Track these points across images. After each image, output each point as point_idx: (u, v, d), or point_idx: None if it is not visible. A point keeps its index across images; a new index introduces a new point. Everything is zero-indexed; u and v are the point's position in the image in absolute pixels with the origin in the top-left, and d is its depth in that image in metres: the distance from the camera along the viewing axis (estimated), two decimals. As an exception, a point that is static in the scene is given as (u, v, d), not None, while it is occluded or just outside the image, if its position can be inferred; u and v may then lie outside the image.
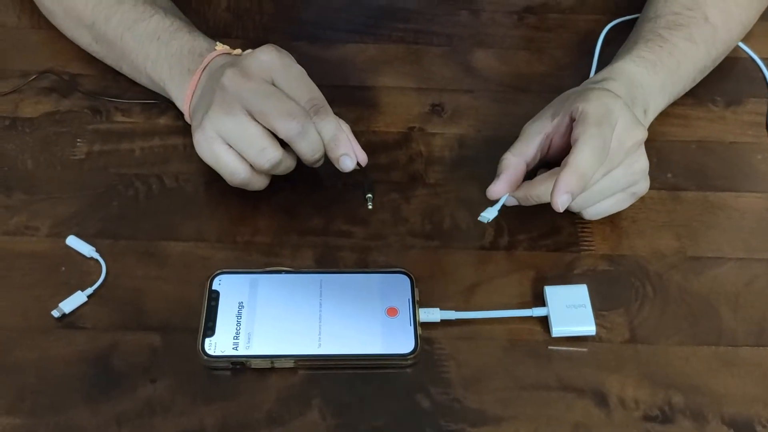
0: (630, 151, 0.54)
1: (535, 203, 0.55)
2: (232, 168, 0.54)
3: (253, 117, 0.53)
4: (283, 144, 0.55)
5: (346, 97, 0.64)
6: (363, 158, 0.57)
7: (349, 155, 0.55)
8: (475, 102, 0.65)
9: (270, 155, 0.54)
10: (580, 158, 0.50)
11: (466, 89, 0.66)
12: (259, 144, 0.53)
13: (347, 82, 0.66)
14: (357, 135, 0.57)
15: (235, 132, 0.53)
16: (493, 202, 0.54)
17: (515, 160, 0.54)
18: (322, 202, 0.58)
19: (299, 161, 0.56)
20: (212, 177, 0.57)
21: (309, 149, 0.54)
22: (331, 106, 0.56)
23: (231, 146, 0.54)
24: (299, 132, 0.53)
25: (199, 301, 0.52)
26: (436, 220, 0.58)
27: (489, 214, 0.54)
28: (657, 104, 0.62)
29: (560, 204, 0.50)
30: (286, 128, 0.53)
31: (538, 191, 0.54)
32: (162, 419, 0.48)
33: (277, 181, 0.58)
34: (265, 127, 0.53)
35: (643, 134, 0.54)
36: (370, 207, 0.57)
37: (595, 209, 0.56)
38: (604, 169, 0.52)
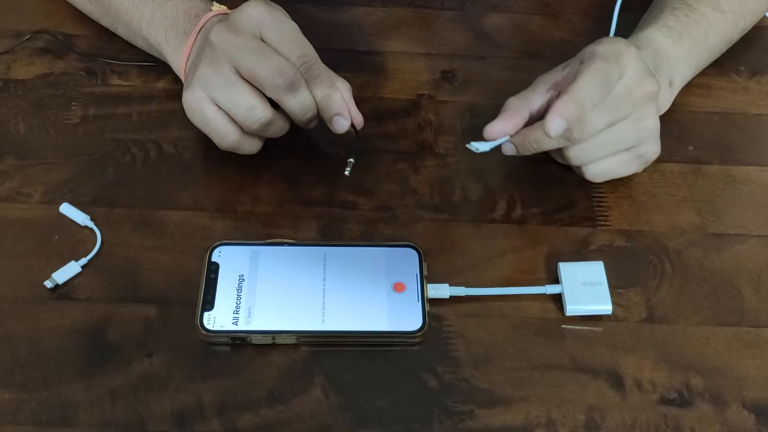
0: (639, 104, 0.51)
1: (533, 151, 0.52)
2: (222, 130, 0.52)
3: (242, 75, 0.51)
4: (277, 105, 0.53)
5: (352, 62, 0.63)
6: (359, 120, 0.54)
7: (343, 116, 0.53)
8: (487, 69, 0.64)
9: (259, 114, 0.51)
10: (579, 86, 0.49)
11: (478, 55, 0.65)
12: (248, 102, 0.51)
13: (354, 47, 0.65)
14: (363, 101, 0.56)
15: (223, 91, 0.51)
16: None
17: (518, 103, 0.52)
18: (326, 170, 0.57)
19: (295, 125, 0.54)
20: (212, 143, 0.56)
21: (299, 108, 0.52)
22: (336, 72, 0.54)
23: (220, 107, 0.52)
24: (288, 89, 0.51)
25: (197, 273, 0.50)
26: (445, 191, 0.56)
27: (481, 146, 0.51)
28: (683, 75, 0.60)
29: (552, 128, 0.48)
30: (274, 85, 0.51)
31: (536, 134, 0.51)
32: (158, 395, 0.46)
33: (279, 148, 0.57)
34: (254, 85, 0.51)
35: (654, 87, 0.52)
36: (347, 173, 0.54)
37: (598, 167, 0.53)
38: (608, 116, 0.50)
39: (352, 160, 0.54)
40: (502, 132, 0.52)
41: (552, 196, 0.55)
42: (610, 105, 0.50)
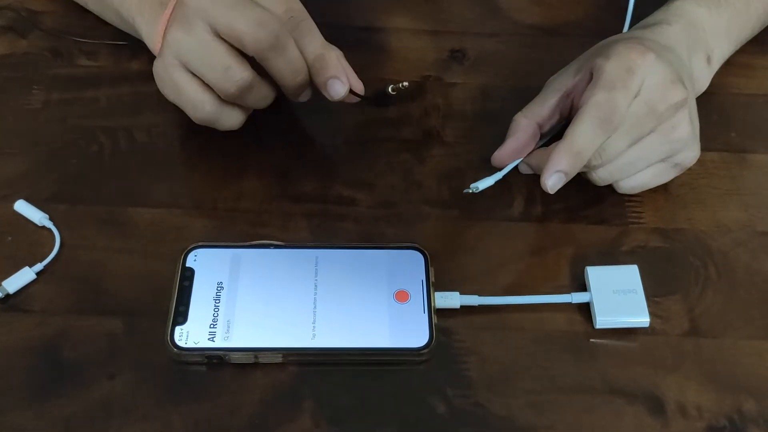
0: (665, 116, 0.47)
1: None
2: (195, 99, 0.47)
3: (218, 33, 0.46)
4: (261, 70, 0.47)
5: (350, 39, 0.58)
6: (359, 87, 0.49)
7: (340, 79, 0.48)
8: (501, 47, 0.60)
9: (237, 75, 0.46)
10: (577, 132, 0.46)
11: (491, 32, 0.61)
12: (223, 62, 0.45)
13: (352, 23, 0.61)
14: (363, 84, 0.51)
15: (197, 52, 0.46)
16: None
17: (525, 123, 0.50)
18: (319, 162, 0.53)
19: (283, 115, 0.50)
20: (191, 130, 0.52)
21: (287, 69, 0.47)
22: None
23: (195, 74, 0.47)
24: (272, 44, 0.45)
25: (169, 281, 0.46)
26: (455, 185, 0.52)
27: (482, 184, 0.48)
28: (722, 50, 0.55)
29: (549, 186, 0.46)
30: (255, 39, 0.45)
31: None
32: (120, 423, 0.41)
33: (267, 136, 0.52)
34: (233, 45, 0.46)
35: (681, 95, 0.47)
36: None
37: (630, 182, 0.50)
38: (629, 137, 0.47)
39: (406, 83, 0.50)
40: (511, 158, 0.50)
41: (577, 190, 0.50)
42: (629, 126, 0.47)
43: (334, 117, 0.54)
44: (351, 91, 0.49)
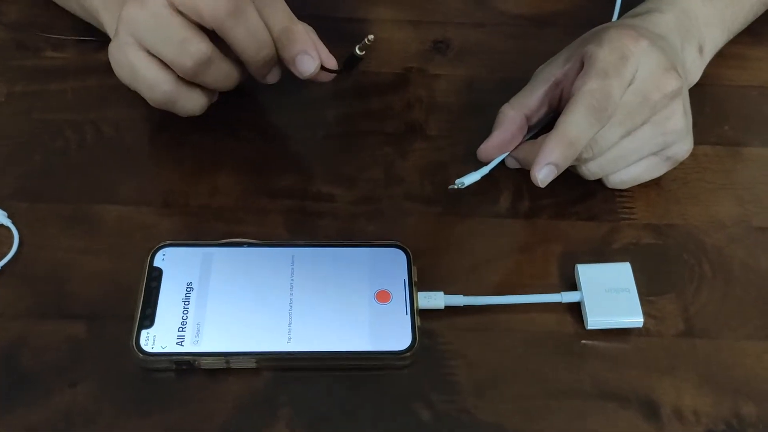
0: (658, 106, 0.45)
1: None
2: (151, 78, 0.45)
3: (175, 7, 0.43)
4: (227, 52, 0.45)
5: (331, 30, 0.56)
6: (331, 62, 0.47)
7: (309, 54, 0.45)
8: (487, 38, 0.58)
9: (193, 47, 0.43)
10: (569, 122, 0.44)
11: (476, 22, 0.59)
12: (179, 35, 0.43)
13: (334, 13, 0.59)
14: (342, 76, 0.49)
15: (152, 28, 0.44)
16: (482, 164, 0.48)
17: (512, 114, 0.49)
18: (297, 156, 0.51)
19: (259, 108, 0.48)
20: (161, 124, 0.50)
21: (249, 41, 0.44)
22: None
23: (151, 52, 0.44)
24: (230, 11, 0.43)
25: (136, 282, 0.43)
26: (438, 180, 0.50)
27: (467, 179, 0.47)
28: (715, 40, 0.54)
29: (540, 179, 0.44)
30: (212, 7, 0.42)
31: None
32: None
33: (242, 128, 0.51)
34: (191, 19, 0.43)
35: (675, 84, 0.46)
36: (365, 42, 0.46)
37: (621, 176, 0.48)
38: (622, 128, 0.45)
39: (371, 36, 0.45)
40: (498, 150, 0.48)
41: (566, 184, 0.49)
42: (623, 116, 0.45)
43: (313, 109, 0.52)
44: (322, 67, 0.46)
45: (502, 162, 0.49)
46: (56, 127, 0.51)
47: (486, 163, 0.48)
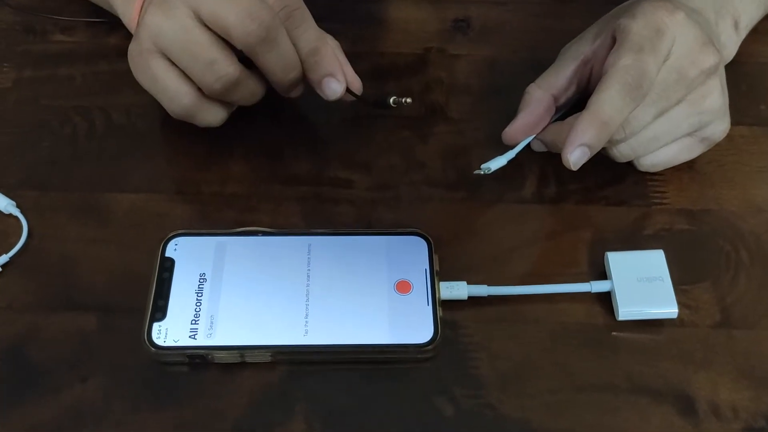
0: (695, 84, 0.43)
1: None
2: (173, 91, 0.44)
3: (202, 20, 0.42)
4: (249, 65, 0.44)
5: (346, 10, 0.57)
6: (357, 85, 0.46)
7: (336, 77, 0.45)
8: (509, 16, 0.57)
9: (222, 71, 0.43)
10: (603, 100, 0.42)
11: (497, 0, 0.58)
12: (208, 55, 0.42)
13: None
14: (359, 58, 0.49)
15: (178, 40, 0.42)
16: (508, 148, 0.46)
17: (539, 94, 0.47)
18: (313, 141, 0.50)
19: (273, 91, 0.46)
20: None
21: (279, 64, 0.44)
22: (326, 22, 0.46)
23: (174, 62, 0.43)
24: (263, 38, 0.42)
25: (148, 273, 0.42)
26: (460, 165, 0.49)
27: (494, 164, 0.45)
28: (751, 14, 0.51)
29: (572, 162, 0.43)
30: (245, 32, 0.42)
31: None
32: (93, 431, 0.38)
33: (256, 114, 0.49)
34: (218, 35, 0.42)
35: (714, 59, 0.43)
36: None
37: (654, 159, 0.46)
38: (656, 107, 0.43)
39: (409, 100, 0.48)
40: (524, 133, 0.46)
41: (594, 168, 0.47)
42: (657, 94, 0.43)
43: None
44: (348, 90, 0.45)
45: (527, 145, 0.47)
46: (65, 114, 0.50)
47: (511, 147, 0.46)
